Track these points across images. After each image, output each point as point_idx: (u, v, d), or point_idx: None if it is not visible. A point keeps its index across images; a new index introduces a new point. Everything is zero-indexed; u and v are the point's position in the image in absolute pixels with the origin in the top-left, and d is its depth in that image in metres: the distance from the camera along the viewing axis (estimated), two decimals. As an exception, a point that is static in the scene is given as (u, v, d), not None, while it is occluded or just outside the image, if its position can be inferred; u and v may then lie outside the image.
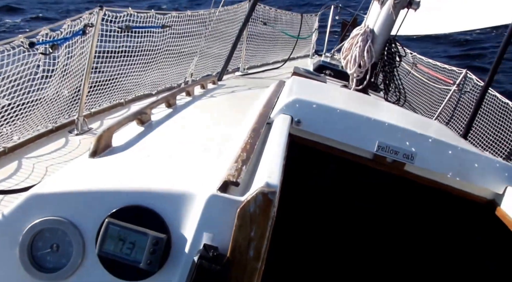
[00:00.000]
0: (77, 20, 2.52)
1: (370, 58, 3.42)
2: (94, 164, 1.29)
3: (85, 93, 2.79)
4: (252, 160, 1.31)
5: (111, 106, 3.19)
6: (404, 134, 1.76)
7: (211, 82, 3.33)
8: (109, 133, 1.45)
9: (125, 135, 1.61)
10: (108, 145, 1.43)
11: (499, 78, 9.92)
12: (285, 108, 1.74)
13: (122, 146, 1.49)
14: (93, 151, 1.34)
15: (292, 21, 6.13)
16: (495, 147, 4.98)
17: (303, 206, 2.13)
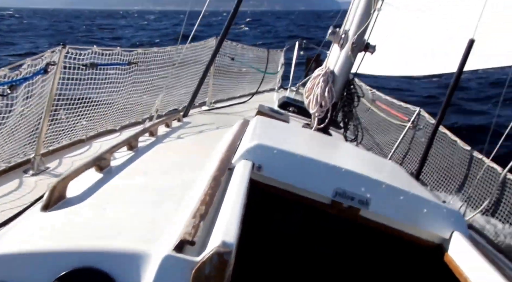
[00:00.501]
0: (39, 59, 2.48)
1: (331, 98, 3.55)
2: (44, 219, 1.24)
3: (44, 130, 2.70)
4: (210, 213, 1.30)
5: (71, 143, 3.08)
6: (360, 180, 1.83)
7: (176, 119, 3.32)
8: (64, 183, 1.41)
9: (82, 184, 1.56)
10: (62, 196, 1.38)
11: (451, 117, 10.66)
12: (247, 154, 1.78)
13: (77, 197, 1.44)
14: (45, 204, 1.30)
15: (259, 56, 6.31)
16: (446, 183, 5.27)
17: (265, 252, 2.13)
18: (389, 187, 1.84)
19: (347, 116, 3.82)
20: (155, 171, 1.93)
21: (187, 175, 1.90)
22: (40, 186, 2.55)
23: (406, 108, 6.02)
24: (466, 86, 16.04)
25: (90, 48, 2.79)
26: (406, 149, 5.93)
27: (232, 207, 1.30)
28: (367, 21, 3.37)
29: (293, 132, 3.00)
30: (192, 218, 1.20)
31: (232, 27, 3.69)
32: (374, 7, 3.32)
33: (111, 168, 1.84)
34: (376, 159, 3.16)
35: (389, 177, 2.15)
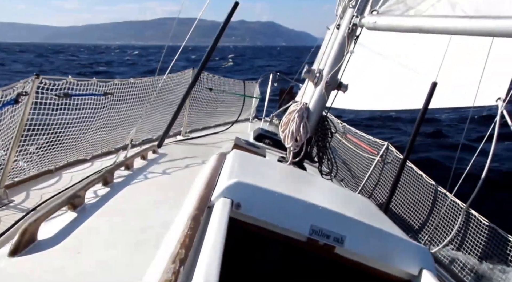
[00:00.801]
0: (10, 90, 2.41)
1: (306, 133, 3.64)
2: (13, 265, 1.17)
3: (10, 162, 2.58)
4: (190, 256, 1.29)
5: (38, 174, 2.96)
6: (336, 219, 1.87)
7: (152, 150, 3.28)
8: (35, 225, 1.35)
9: (54, 225, 1.50)
10: (32, 239, 1.32)
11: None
12: (226, 191, 1.78)
13: (49, 239, 1.38)
14: (14, 248, 1.23)
15: (235, 87, 6.42)
16: (413, 216, 5.43)
17: None
18: (363, 225, 1.90)
19: (322, 151, 3.91)
20: (132, 210, 1.89)
21: (165, 214, 1.87)
22: (4, 221, 2.41)
23: (375, 142, 6.23)
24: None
25: (65, 78, 2.74)
26: (376, 181, 6.09)
27: (212, 249, 1.28)
28: (340, 62, 3.53)
29: (270, 167, 3.04)
30: (172, 263, 1.17)
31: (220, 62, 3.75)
32: (347, 49, 3.49)
33: (86, 206, 1.79)
34: (349, 194, 3.24)
35: (363, 214, 2.21)
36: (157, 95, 3.90)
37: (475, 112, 4.66)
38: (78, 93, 2.87)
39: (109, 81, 3.29)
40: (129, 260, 1.37)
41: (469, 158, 4.54)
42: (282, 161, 3.82)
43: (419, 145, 11.49)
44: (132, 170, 2.59)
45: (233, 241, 1.59)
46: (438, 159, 10.42)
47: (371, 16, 3.27)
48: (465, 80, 4.71)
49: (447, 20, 2.58)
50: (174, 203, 2.00)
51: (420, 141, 12.28)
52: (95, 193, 1.99)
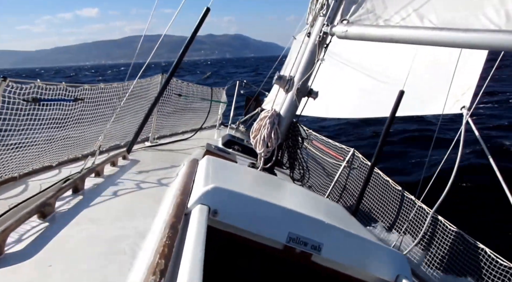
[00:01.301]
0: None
1: (277, 139, 3.69)
2: None
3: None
4: (170, 267, 1.24)
5: (1, 181, 2.78)
6: (313, 225, 1.86)
7: (121, 156, 3.20)
8: (3, 236, 1.25)
9: (23, 236, 1.40)
10: (0, 252, 1.23)
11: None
12: (203, 198, 1.74)
13: (18, 252, 1.29)
14: None
15: (203, 93, 6.40)
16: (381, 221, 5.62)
17: None
18: (341, 232, 1.89)
19: (292, 157, 3.98)
20: (104, 218, 1.80)
21: (139, 222, 1.80)
22: None
23: (341, 148, 6.42)
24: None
25: (33, 82, 2.62)
26: (342, 187, 6.25)
27: (192, 261, 1.23)
28: (311, 69, 3.63)
29: (243, 173, 3.03)
30: (152, 275, 1.12)
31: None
32: (318, 57, 3.60)
33: (56, 215, 1.69)
34: (321, 200, 3.29)
35: (338, 220, 2.22)
36: (127, 101, 3.81)
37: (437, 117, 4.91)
38: (47, 98, 2.75)
39: (79, 86, 3.18)
40: (104, 272, 1.29)
41: (438, 162, 4.71)
42: (253, 167, 3.85)
43: (388, 152, 11.90)
44: (103, 176, 2.50)
45: (211, 248, 1.57)
46: (406, 166, 10.84)
47: (342, 25, 3.39)
48: (432, 89, 4.97)
49: (416, 31, 2.73)
50: (148, 211, 1.93)
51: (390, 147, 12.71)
52: (65, 201, 1.89)
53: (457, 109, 4.41)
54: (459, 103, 4.41)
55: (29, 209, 1.51)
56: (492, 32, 2.32)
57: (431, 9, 2.95)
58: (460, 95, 4.48)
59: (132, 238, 1.61)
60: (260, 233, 1.77)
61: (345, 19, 3.46)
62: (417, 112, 5.46)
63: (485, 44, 2.33)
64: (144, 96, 4.43)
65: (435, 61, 4.86)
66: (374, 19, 3.31)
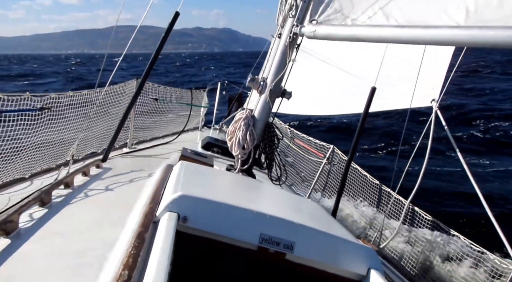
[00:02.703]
0: None
1: (253, 140, 3.70)
2: None
3: None
4: (135, 277, 1.24)
5: None
6: (284, 226, 1.90)
7: (95, 165, 3.15)
8: None
9: None
10: None
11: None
12: (171, 205, 1.74)
13: None
14: None
15: (182, 96, 6.35)
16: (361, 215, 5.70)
17: None
18: (311, 230, 1.95)
19: (269, 157, 3.99)
20: (72, 231, 1.79)
21: (107, 233, 1.79)
22: None
23: (322, 145, 6.47)
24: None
25: (-6, 94, 2.57)
26: (324, 184, 6.31)
27: (157, 268, 1.24)
28: (283, 70, 3.65)
29: (217, 177, 3.03)
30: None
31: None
32: (289, 58, 3.61)
33: (20, 231, 1.67)
34: (297, 199, 3.31)
35: (311, 218, 2.26)
36: (101, 107, 3.77)
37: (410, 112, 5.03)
38: (10, 109, 2.70)
39: (44, 95, 3.13)
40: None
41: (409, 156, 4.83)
42: (230, 169, 3.85)
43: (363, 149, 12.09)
44: (73, 187, 2.46)
45: (184, 254, 1.57)
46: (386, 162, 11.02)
47: (311, 25, 3.41)
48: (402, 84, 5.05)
49: (381, 29, 2.77)
50: (118, 221, 1.92)
51: (364, 144, 12.93)
52: (30, 216, 1.86)
53: (427, 102, 4.52)
54: (429, 97, 4.52)
55: None
56: (451, 28, 2.36)
57: (396, 7, 2.99)
58: (430, 88, 4.58)
59: (99, 249, 1.60)
60: (232, 236, 1.80)
61: (314, 19, 3.48)
62: (389, 107, 5.55)
63: (444, 40, 2.37)
64: (119, 101, 4.39)
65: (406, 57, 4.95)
66: (342, 19, 3.34)
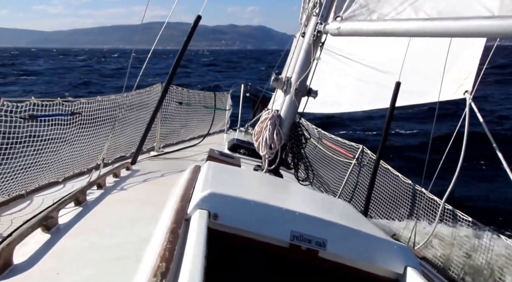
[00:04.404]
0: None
1: (279, 140, 3.67)
2: None
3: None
4: (172, 269, 1.27)
5: (9, 199, 2.85)
6: (315, 223, 1.89)
7: (125, 168, 3.23)
8: (9, 249, 1.31)
9: (29, 248, 1.46)
10: (8, 264, 1.29)
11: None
12: (201, 203, 1.77)
13: (25, 263, 1.35)
14: None
15: (206, 99, 6.40)
16: (394, 216, 5.53)
17: None
18: (342, 228, 1.92)
19: (297, 157, 3.95)
20: (107, 227, 1.86)
21: (142, 229, 1.85)
22: None
23: (350, 145, 6.34)
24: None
25: (28, 100, 2.67)
26: (354, 185, 6.18)
27: (193, 261, 1.27)
28: (308, 69, 3.60)
29: (245, 176, 3.04)
30: (153, 277, 1.16)
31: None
32: (314, 56, 3.56)
33: (59, 227, 1.75)
34: (327, 198, 3.27)
35: (342, 217, 2.23)
36: (128, 111, 3.85)
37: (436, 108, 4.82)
38: (44, 114, 2.80)
39: (74, 101, 3.23)
40: (110, 277, 1.35)
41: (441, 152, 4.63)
42: (258, 169, 3.83)
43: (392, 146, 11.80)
44: (105, 188, 2.54)
45: (215, 251, 1.59)
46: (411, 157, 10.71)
47: (335, 22, 3.35)
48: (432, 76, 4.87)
49: (410, 23, 2.68)
50: (151, 219, 1.97)
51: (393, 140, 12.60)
52: (68, 214, 1.95)
53: (460, 94, 4.31)
54: (462, 88, 4.31)
55: (32, 223, 1.56)
56: (484, 19, 2.25)
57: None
58: (463, 79, 4.37)
59: (135, 244, 1.65)
60: (263, 233, 1.80)
61: (338, 16, 3.41)
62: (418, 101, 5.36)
63: (477, 32, 2.26)
64: (146, 105, 4.47)
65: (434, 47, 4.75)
66: (367, 14, 3.25)
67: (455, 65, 4.45)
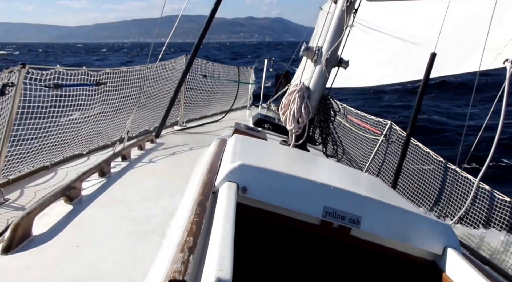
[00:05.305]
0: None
1: (308, 114, 3.51)
2: (7, 262, 1.07)
3: (2, 158, 2.45)
4: (199, 244, 1.18)
5: (33, 170, 2.82)
6: (350, 198, 1.77)
7: (149, 141, 3.17)
8: (28, 219, 1.24)
9: (50, 219, 1.40)
10: (27, 235, 1.22)
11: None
12: (230, 175, 1.68)
13: (45, 234, 1.28)
14: (7, 245, 1.13)
15: (229, 73, 6.27)
16: (421, 194, 5.34)
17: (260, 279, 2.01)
18: (380, 204, 1.79)
19: (325, 132, 3.79)
20: (132, 199, 1.79)
21: (167, 201, 1.78)
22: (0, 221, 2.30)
23: (378, 121, 6.11)
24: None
25: (53, 68, 2.59)
26: (381, 162, 5.98)
27: (223, 237, 1.18)
28: (340, 37, 3.40)
29: (273, 150, 2.93)
30: (180, 253, 1.07)
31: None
32: (346, 23, 3.35)
33: (82, 198, 1.68)
34: (358, 173, 3.13)
35: (376, 192, 2.10)
36: (152, 84, 3.75)
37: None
38: (69, 83, 2.72)
39: (100, 70, 3.15)
40: (133, 251, 1.28)
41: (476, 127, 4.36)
42: (284, 144, 3.70)
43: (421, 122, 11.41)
44: (130, 160, 2.48)
45: (240, 227, 1.50)
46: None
47: (371, -15, 3.12)
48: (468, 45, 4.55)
49: None
50: (176, 191, 1.90)
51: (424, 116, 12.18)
52: (91, 184, 1.89)
53: (499, 63, 3.99)
54: (501, 56, 3.97)
55: (54, 192, 1.49)
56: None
57: None
58: (502, 47, 4.04)
59: (160, 217, 1.59)
60: (293, 208, 1.71)
61: (374, -22, 3.17)
62: (453, 71, 5.03)
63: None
64: (170, 78, 4.37)
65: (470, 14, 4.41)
66: (406, -25, 3.01)
67: (494, 32, 4.10)
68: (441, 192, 5.05)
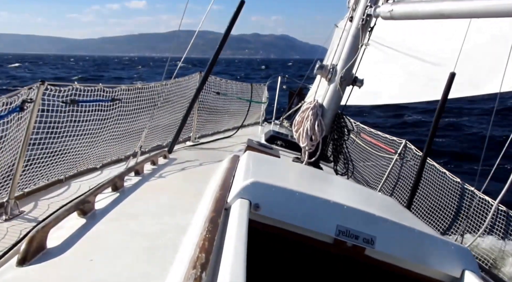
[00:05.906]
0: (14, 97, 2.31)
1: (321, 131, 3.49)
2: (21, 275, 1.08)
3: (19, 172, 2.49)
4: (212, 261, 1.17)
5: (48, 184, 2.86)
6: (364, 218, 1.74)
7: (162, 156, 3.18)
8: (43, 232, 1.25)
9: (64, 232, 1.40)
10: (41, 247, 1.24)
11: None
12: (243, 192, 1.67)
13: (59, 247, 1.29)
14: (22, 257, 1.14)
15: (243, 90, 6.31)
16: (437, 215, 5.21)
17: None
18: (394, 224, 1.76)
19: (338, 150, 3.76)
20: (145, 214, 1.79)
21: (180, 217, 1.78)
22: (13, 233, 2.32)
23: (392, 140, 6.04)
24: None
25: (71, 85, 2.65)
26: (395, 182, 5.89)
27: (235, 254, 1.18)
28: (355, 55, 3.39)
29: (286, 167, 2.92)
30: (192, 269, 1.07)
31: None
32: (362, 41, 3.35)
33: (96, 212, 1.69)
34: (371, 193, 3.09)
35: (390, 213, 2.07)
36: (166, 100, 3.79)
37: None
38: (85, 99, 2.78)
39: (115, 87, 3.20)
40: (145, 266, 1.28)
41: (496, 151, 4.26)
42: (297, 162, 3.68)
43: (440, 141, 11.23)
44: (142, 175, 2.49)
45: (253, 244, 1.48)
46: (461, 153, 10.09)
47: (387, 4, 3.12)
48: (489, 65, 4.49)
49: (472, 2, 2.42)
50: (189, 207, 1.90)
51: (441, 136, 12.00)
52: (105, 199, 1.89)
53: None
54: None
55: (68, 206, 1.51)
56: None
57: None
58: None
59: (173, 233, 1.59)
60: (306, 226, 1.69)
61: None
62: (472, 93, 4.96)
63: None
64: (183, 95, 4.42)
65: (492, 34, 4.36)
66: (423, -5, 3.00)
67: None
68: (457, 213, 4.92)
